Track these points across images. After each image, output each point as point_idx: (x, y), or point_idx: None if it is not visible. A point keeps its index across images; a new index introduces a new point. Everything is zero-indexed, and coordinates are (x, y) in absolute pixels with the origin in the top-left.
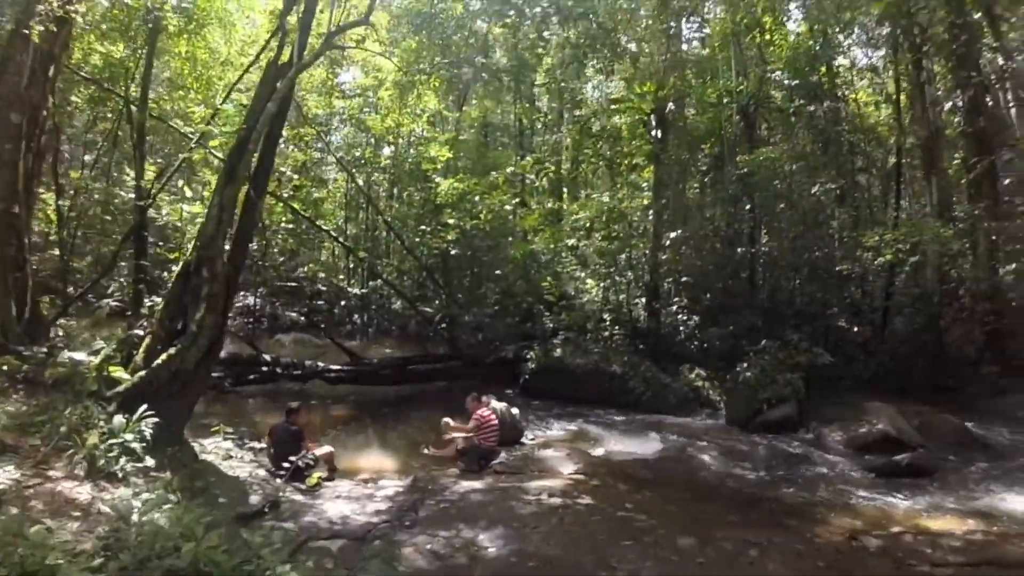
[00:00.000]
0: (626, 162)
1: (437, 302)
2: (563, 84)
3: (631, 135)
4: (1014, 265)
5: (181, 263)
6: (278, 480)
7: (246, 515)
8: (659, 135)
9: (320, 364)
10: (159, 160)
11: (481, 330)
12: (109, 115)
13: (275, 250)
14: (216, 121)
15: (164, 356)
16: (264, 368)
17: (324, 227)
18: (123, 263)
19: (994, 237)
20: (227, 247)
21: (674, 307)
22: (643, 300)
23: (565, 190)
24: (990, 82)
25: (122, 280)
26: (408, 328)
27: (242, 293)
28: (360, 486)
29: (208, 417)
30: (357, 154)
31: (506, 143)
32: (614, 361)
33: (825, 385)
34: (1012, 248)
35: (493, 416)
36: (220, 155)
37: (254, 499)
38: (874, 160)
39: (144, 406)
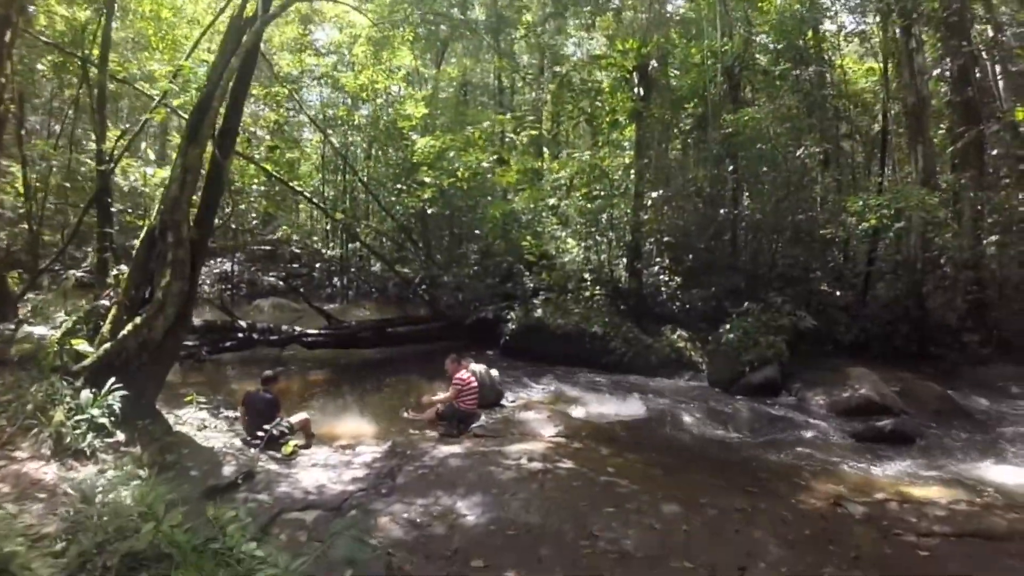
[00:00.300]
0: (607, 119)
1: (416, 263)
2: (544, 40)
3: (612, 92)
4: (997, 236)
5: (145, 229)
6: (253, 450)
7: (218, 487)
8: (641, 93)
9: (297, 329)
10: (126, 125)
11: (461, 290)
12: (74, 81)
13: (251, 214)
14: (179, 80)
15: (129, 327)
16: (240, 335)
17: (299, 188)
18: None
19: (979, 207)
20: (194, 211)
21: (656, 268)
22: (625, 260)
23: (545, 149)
24: (979, 53)
25: (91, 250)
26: (388, 291)
27: (218, 259)
28: (337, 453)
29: (185, 387)
30: (331, 113)
31: (485, 102)
32: (595, 321)
33: (807, 349)
34: (996, 219)
35: (472, 379)
36: (185, 115)
37: (228, 470)
38: (859, 126)
39: (112, 380)
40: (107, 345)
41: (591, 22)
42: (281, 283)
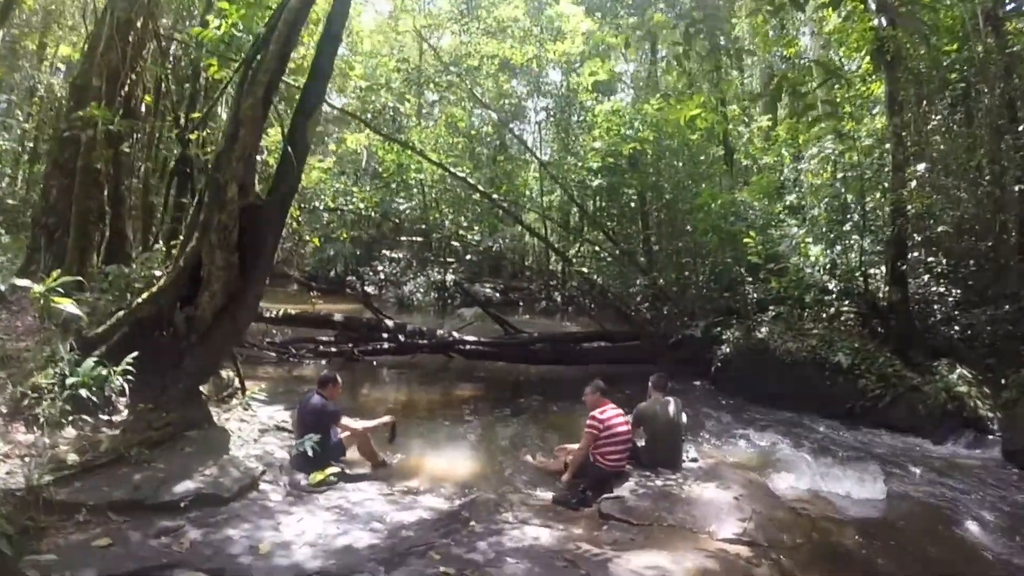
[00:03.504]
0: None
1: (635, 274)
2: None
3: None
4: None
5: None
6: (278, 469)
7: (139, 502)
8: (883, 23)
9: (455, 335)
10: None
11: (668, 300)
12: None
13: (472, 226)
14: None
15: (140, 299)
16: (384, 335)
17: (498, 200)
18: None
19: None
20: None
21: (926, 275)
22: (884, 266)
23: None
24: None
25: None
26: (605, 305)
27: (437, 269)
28: (385, 497)
29: (296, 382)
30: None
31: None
32: (840, 348)
33: None
34: None
35: (618, 420)
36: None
37: (195, 486)
38: None
39: (134, 354)
40: (117, 316)
41: None
42: (497, 295)
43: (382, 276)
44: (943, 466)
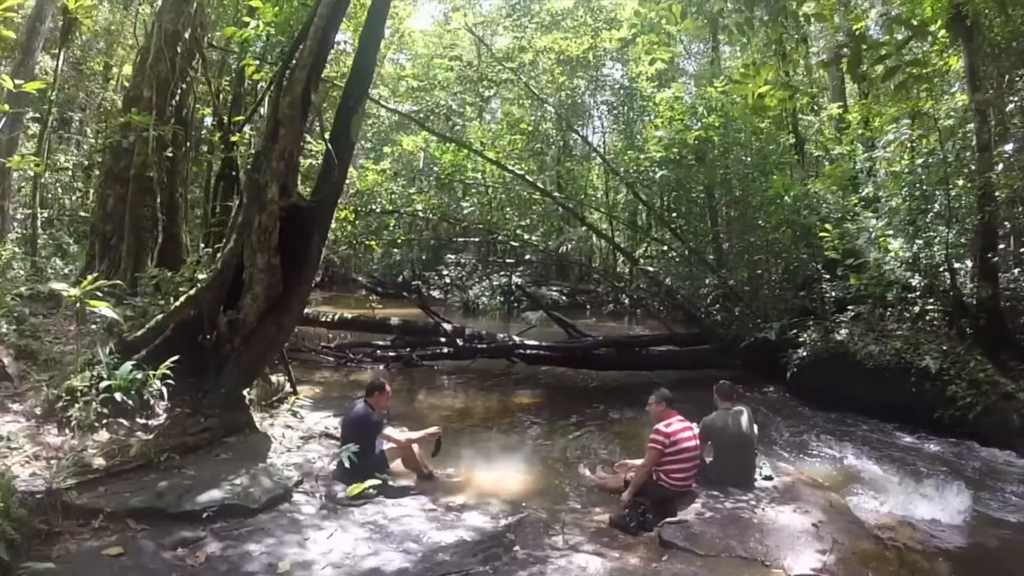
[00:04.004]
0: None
1: (705, 273)
2: None
3: None
4: None
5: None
6: (318, 478)
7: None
8: None
9: (516, 338)
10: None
11: (739, 301)
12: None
13: (536, 228)
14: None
15: (177, 303)
16: (442, 339)
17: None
18: None
19: None
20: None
21: (1016, 268)
22: (972, 259)
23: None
24: None
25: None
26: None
27: (502, 273)
28: (427, 511)
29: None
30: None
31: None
32: (927, 351)
33: None
34: None
35: (686, 434)
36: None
37: (221, 495)
38: None
39: (175, 357)
40: (157, 319)
41: None
42: (564, 298)
43: (448, 280)
44: None
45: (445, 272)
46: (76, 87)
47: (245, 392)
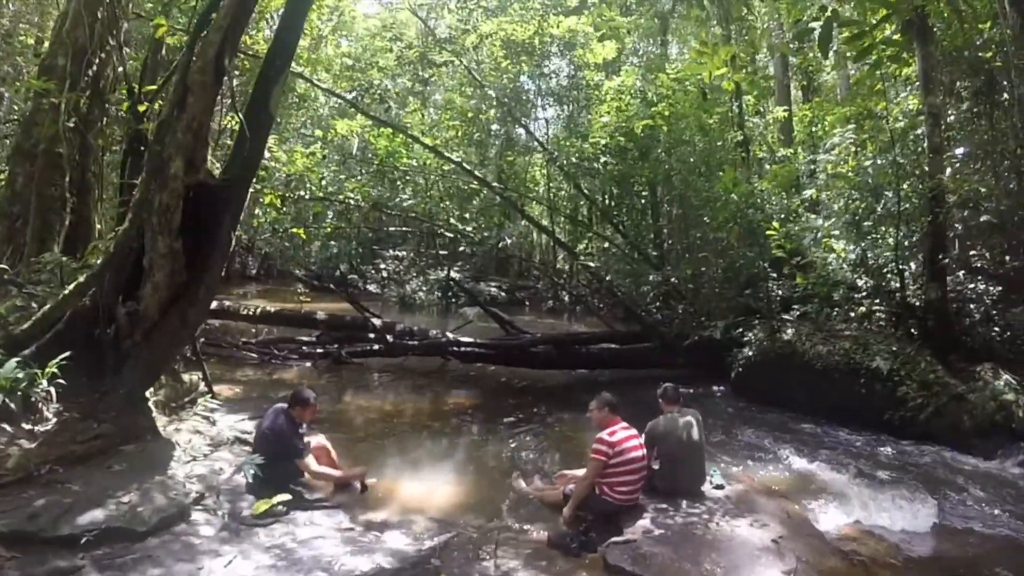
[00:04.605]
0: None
1: (647, 270)
2: None
3: None
4: None
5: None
6: (219, 494)
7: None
8: None
9: (449, 335)
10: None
11: (682, 299)
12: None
13: (475, 222)
14: None
15: (67, 290)
16: (371, 334)
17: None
18: None
19: None
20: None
21: (961, 271)
22: (919, 258)
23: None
24: None
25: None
26: (616, 306)
27: (439, 268)
28: (343, 532)
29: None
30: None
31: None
32: (877, 352)
33: None
34: None
35: (631, 443)
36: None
37: (92, 518)
38: None
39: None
40: (45, 308)
41: None
42: (503, 294)
43: (385, 275)
44: (995, 486)
45: (382, 266)
46: (3, 60)
47: (149, 393)
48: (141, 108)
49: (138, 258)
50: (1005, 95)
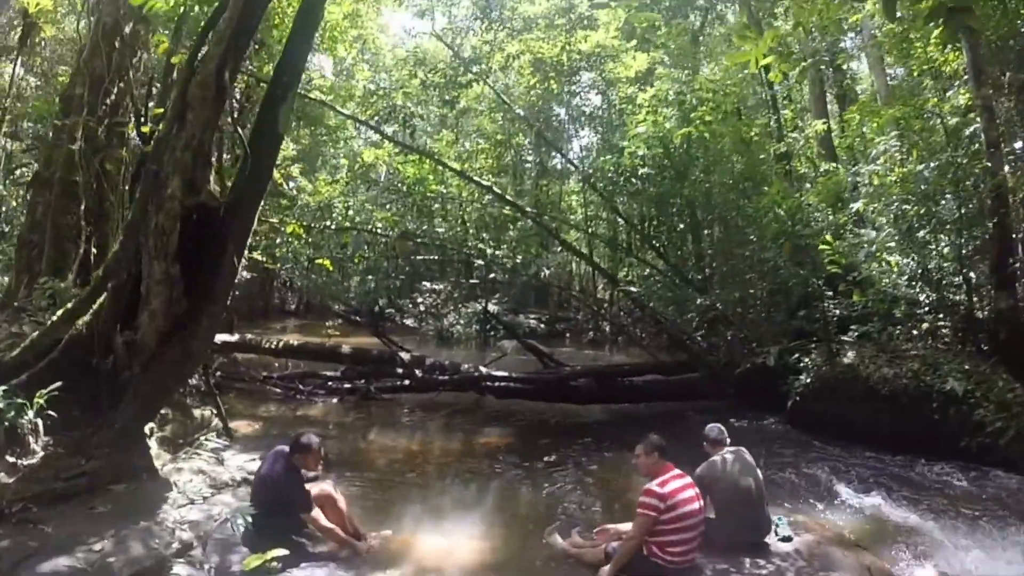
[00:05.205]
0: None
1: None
2: None
3: None
4: None
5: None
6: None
7: None
8: None
9: (482, 370)
10: None
11: (730, 324)
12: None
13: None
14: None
15: (55, 317)
16: (400, 369)
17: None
18: None
19: None
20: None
21: None
22: (983, 267)
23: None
24: None
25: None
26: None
27: (477, 300)
28: None
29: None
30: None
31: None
32: (949, 372)
33: None
34: None
35: (686, 495)
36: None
37: (81, 564)
38: None
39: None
40: (34, 336)
41: None
42: (542, 325)
43: (422, 308)
44: None
45: (419, 300)
46: (44, 97)
47: (151, 429)
48: (145, 129)
49: (136, 284)
50: None
